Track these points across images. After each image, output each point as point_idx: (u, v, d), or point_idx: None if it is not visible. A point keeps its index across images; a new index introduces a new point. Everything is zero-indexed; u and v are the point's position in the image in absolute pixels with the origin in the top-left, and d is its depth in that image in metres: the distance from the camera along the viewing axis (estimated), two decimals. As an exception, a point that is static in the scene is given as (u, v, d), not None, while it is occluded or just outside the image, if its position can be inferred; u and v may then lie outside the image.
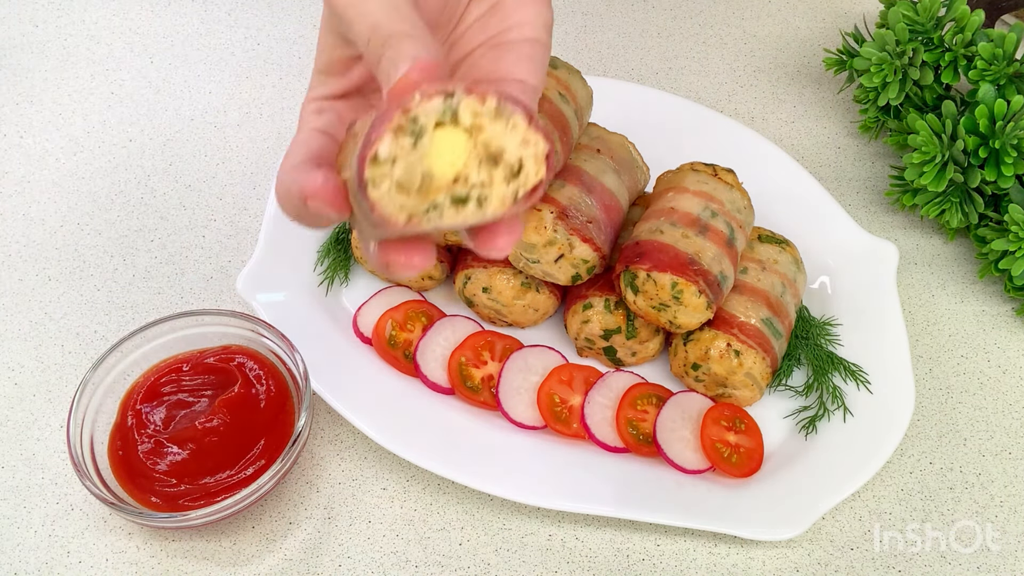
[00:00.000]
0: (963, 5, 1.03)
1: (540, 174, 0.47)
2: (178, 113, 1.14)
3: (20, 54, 1.20)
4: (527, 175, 0.47)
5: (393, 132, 0.44)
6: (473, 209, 0.47)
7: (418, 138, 0.45)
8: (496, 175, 0.47)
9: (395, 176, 0.45)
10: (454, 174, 0.46)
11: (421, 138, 0.45)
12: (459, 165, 0.46)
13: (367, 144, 0.45)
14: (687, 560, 0.82)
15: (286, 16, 1.27)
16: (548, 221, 0.85)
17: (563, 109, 0.88)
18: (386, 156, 0.44)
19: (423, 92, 0.45)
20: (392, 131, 0.44)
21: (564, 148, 0.88)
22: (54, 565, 0.80)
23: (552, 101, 0.87)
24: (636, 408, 0.87)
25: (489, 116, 0.46)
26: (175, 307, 0.96)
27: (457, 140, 0.46)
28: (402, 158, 0.45)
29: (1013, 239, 0.95)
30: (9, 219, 1.03)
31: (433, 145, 0.45)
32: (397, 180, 0.45)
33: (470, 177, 0.46)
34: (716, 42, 1.28)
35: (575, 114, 0.90)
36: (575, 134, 0.91)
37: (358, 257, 0.95)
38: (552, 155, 0.47)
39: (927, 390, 0.95)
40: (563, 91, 0.89)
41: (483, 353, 0.90)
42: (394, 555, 0.82)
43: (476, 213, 0.47)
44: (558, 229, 0.85)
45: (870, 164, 1.14)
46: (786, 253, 0.93)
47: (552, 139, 0.47)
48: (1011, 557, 0.84)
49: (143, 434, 0.80)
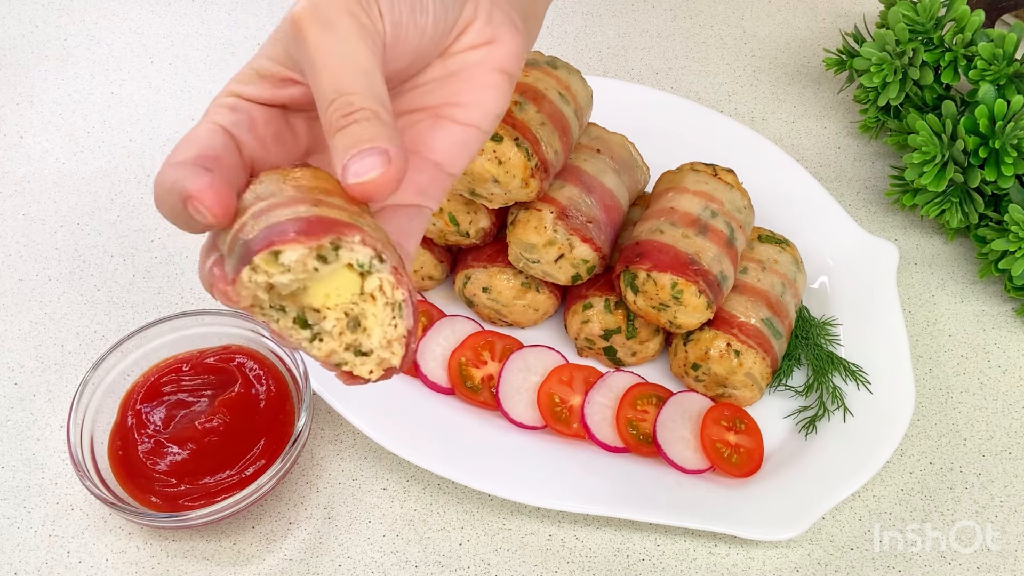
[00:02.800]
0: (963, 5, 1.03)
1: (395, 361, 0.47)
2: (178, 113, 1.14)
3: (20, 54, 1.20)
4: (383, 357, 0.47)
5: (312, 249, 0.43)
6: (318, 346, 0.47)
7: (323, 264, 0.44)
8: (358, 339, 0.46)
9: (276, 279, 0.44)
10: (320, 304, 0.45)
11: (327, 264, 0.44)
12: (330, 304, 0.45)
13: (280, 232, 0.43)
14: (687, 560, 0.82)
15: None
16: (548, 221, 0.85)
17: (563, 109, 0.88)
18: (285, 263, 0.43)
19: (364, 238, 0.44)
20: (312, 247, 0.43)
21: (564, 148, 0.88)
22: (54, 565, 0.80)
23: (552, 101, 0.87)
24: (636, 408, 0.87)
25: (386, 302, 0.45)
26: (175, 307, 0.96)
27: (351, 287, 0.45)
28: (294, 272, 0.43)
29: (1013, 239, 0.95)
30: (9, 219, 1.03)
31: (331, 275, 0.45)
32: (274, 282, 0.44)
33: (327, 321, 0.46)
34: (716, 42, 1.28)
35: (575, 114, 0.90)
36: (575, 134, 0.91)
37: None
38: (414, 344, 0.47)
39: (927, 390, 0.94)
40: (563, 91, 0.89)
41: (483, 353, 0.90)
42: (394, 555, 0.82)
43: (310, 347, 0.47)
44: (558, 229, 0.85)
45: (870, 164, 1.14)
46: (786, 253, 0.93)
47: (414, 333, 0.47)
48: (1011, 557, 0.84)
49: (143, 434, 0.80)
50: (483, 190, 0.84)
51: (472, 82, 0.54)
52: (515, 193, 0.84)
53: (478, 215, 0.89)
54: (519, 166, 0.82)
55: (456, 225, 0.89)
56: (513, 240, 0.87)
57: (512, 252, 0.88)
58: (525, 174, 0.82)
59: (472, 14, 0.53)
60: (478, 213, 0.89)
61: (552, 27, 1.28)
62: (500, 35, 0.54)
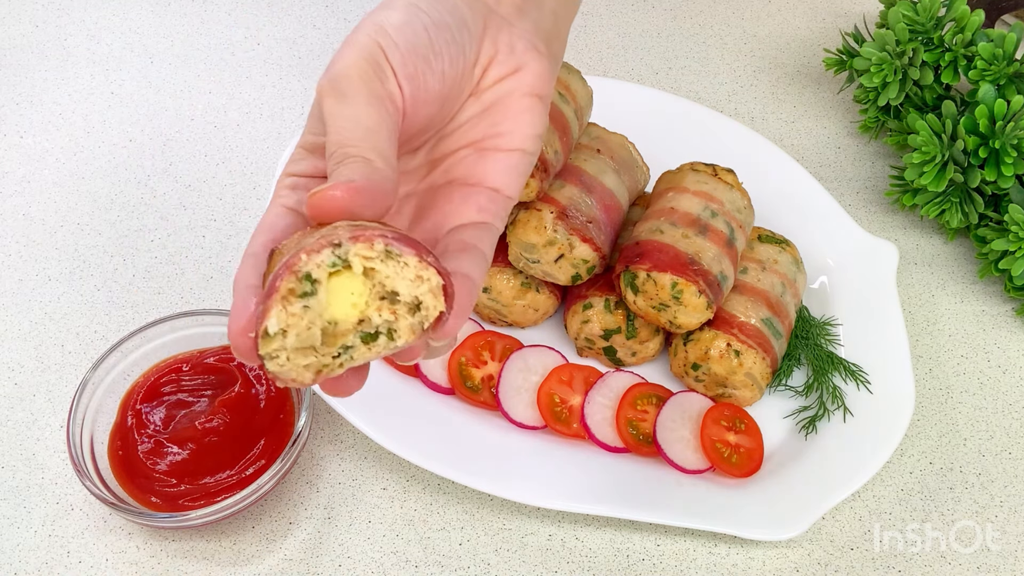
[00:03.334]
0: (963, 5, 1.03)
1: (439, 307, 0.48)
2: (178, 113, 1.14)
3: (20, 54, 1.20)
4: (427, 308, 0.48)
5: (281, 302, 0.45)
6: (384, 342, 0.48)
7: (312, 295, 0.45)
8: (398, 310, 0.48)
9: (290, 345, 0.46)
10: (358, 315, 0.47)
11: (316, 293, 0.45)
12: (361, 306, 0.47)
13: (259, 318, 0.45)
14: (687, 560, 0.82)
15: (286, 16, 1.27)
16: (548, 221, 0.85)
17: (563, 109, 0.88)
18: (276, 330, 0.45)
19: (307, 249, 0.45)
20: (280, 301, 0.45)
21: (564, 148, 0.88)
22: (54, 565, 0.80)
23: (552, 101, 0.87)
24: (636, 408, 0.87)
25: (380, 259, 0.46)
26: (175, 307, 0.96)
27: (354, 283, 0.47)
28: (294, 325, 0.45)
29: (1013, 239, 0.95)
30: (9, 219, 1.03)
31: (331, 293, 0.46)
32: (294, 347, 0.46)
33: (373, 319, 0.47)
34: (716, 42, 1.28)
35: (575, 114, 0.90)
36: (575, 134, 0.91)
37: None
38: (450, 285, 0.48)
39: (927, 390, 0.95)
40: (563, 91, 0.89)
41: (483, 353, 0.90)
42: (394, 555, 0.82)
43: (388, 345, 0.48)
44: (558, 229, 0.85)
45: (870, 164, 1.14)
46: (786, 253, 0.93)
47: (446, 274, 0.48)
48: (1011, 557, 0.84)
49: (143, 434, 0.80)
50: (483, 190, 0.84)
51: (507, 111, 0.57)
52: (515, 193, 0.84)
53: (478, 215, 0.89)
54: (519, 166, 0.82)
55: (456, 225, 0.89)
56: (513, 240, 0.87)
57: (512, 252, 0.88)
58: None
59: (492, 49, 0.56)
60: (478, 213, 0.89)
61: (552, 27, 1.28)
62: (525, 62, 0.57)
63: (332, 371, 0.48)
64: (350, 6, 1.29)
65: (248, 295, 0.48)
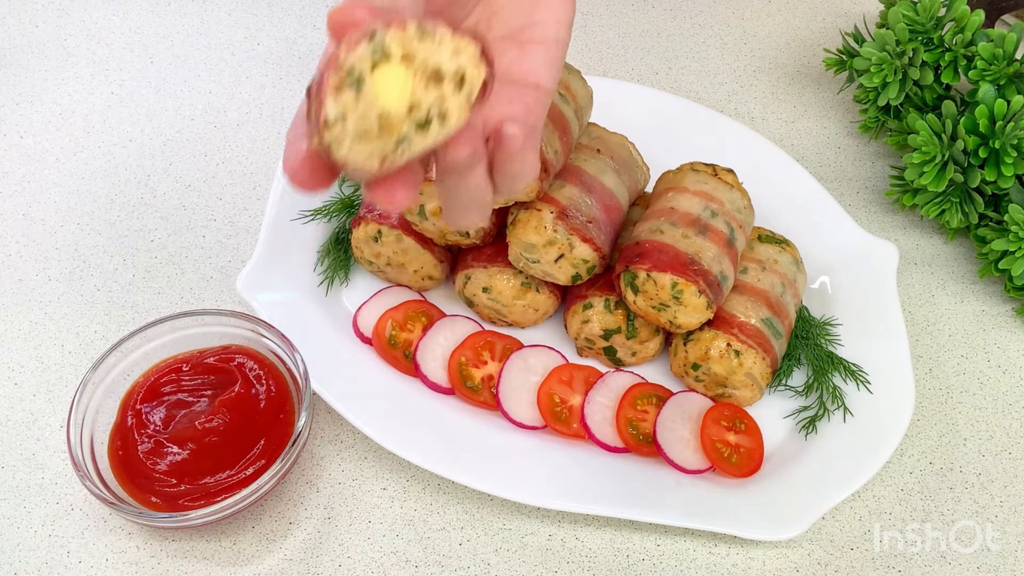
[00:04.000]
0: (963, 5, 1.03)
1: (483, 73, 0.49)
2: (178, 113, 1.14)
3: (20, 54, 1.20)
4: (472, 79, 0.49)
5: (333, 92, 0.46)
6: (437, 127, 0.48)
7: (360, 86, 0.46)
8: (445, 89, 0.48)
9: (351, 130, 0.46)
10: (407, 104, 0.48)
11: (362, 85, 0.46)
12: (408, 94, 0.47)
13: (317, 109, 0.46)
14: (687, 560, 0.82)
15: (286, 16, 1.27)
16: (548, 221, 0.85)
17: (563, 109, 0.88)
18: (335, 117, 0.46)
19: (346, 42, 0.46)
20: (332, 91, 0.46)
21: (564, 148, 0.88)
22: (54, 565, 0.80)
23: (552, 101, 0.87)
24: (636, 408, 0.87)
25: (415, 40, 0.47)
26: (175, 307, 0.96)
27: (397, 73, 0.47)
28: (352, 111, 0.46)
29: (1013, 239, 0.95)
30: (9, 219, 1.03)
31: (377, 86, 0.47)
32: (355, 133, 0.46)
33: (422, 101, 0.48)
34: (716, 42, 1.28)
35: (575, 114, 0.90)
36: (575, 134, 0.91)
37: (358, 257, 0.95)
38: (488, 49, 0.49)
39: (927, 390, 0.95)
40: (563, 91, 0.89)
41: (483, 353, 0.90)
42: (394, 555, 0.82)
43: (442, 130, 0.49)
44: (558, 229, 0.85)
45: (870, 164, 1.14)
46: (786, 253, 0.93)
47: (482, 38, 0.49)
48: (1011, 557, 0.84)
49: (143, 434, 0.80)
50: (483, 190, 0.84)
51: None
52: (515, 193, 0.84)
53: (478, 215, 0.89)
54: (519, 166, 0.82)
55: (456, 225, 0.89)
56: (513, 240, 0.87)
57: (512, 252, 0.88)
58: (525, 174, 0.82)
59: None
60: (478, 213, 0.89)
61: (552, 27, 1.28)
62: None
63: (395, 160, 0.48)
64: (350, 6, 1.29)
65: (298, 124, 0.49)
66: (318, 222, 0.98)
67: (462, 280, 0.93)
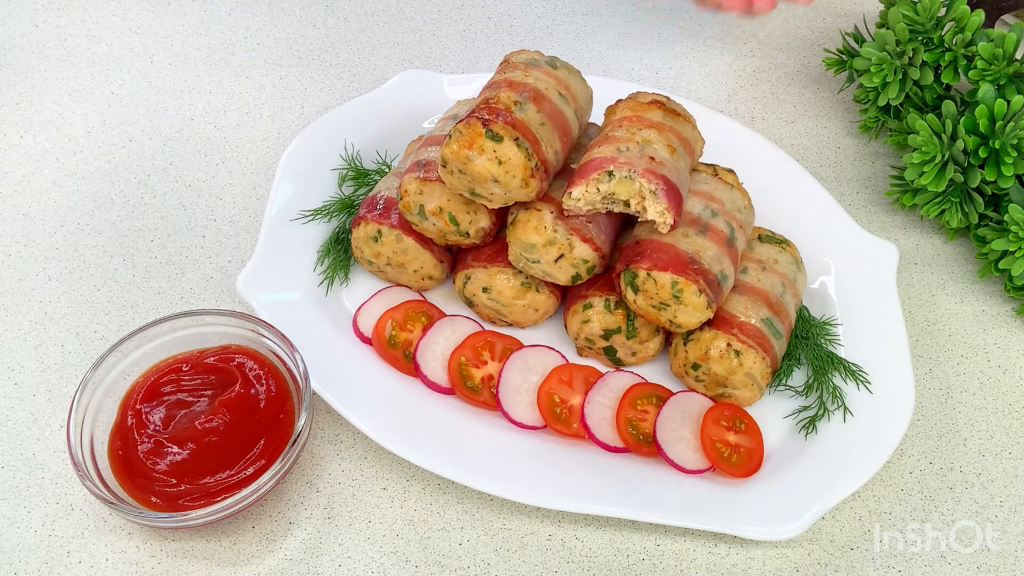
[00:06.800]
0: (963, 5, 1.03)
1: None
2: (178, 113, 1.14)
3: (20, 54, 1.20)
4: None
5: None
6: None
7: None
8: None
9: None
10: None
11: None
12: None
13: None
14: (687, 560, 0.82)
15: (286, 16, 1.27)
16: (548, 221, 0.85)
17: (563, 109, 0.88)
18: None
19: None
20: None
21: (564, 148, 0.88)
22: (54, 565, 0.80)
23: (552, 101, 0.87)
24: (636, 408, 0.87)
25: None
26: (175, 307, 0.96)
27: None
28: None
29: (1013, 239, 0.95)
30: (9, 219, 1.03)
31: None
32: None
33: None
34: (716, 42, 1.28)
35: (575, 114, 0.90)
36: (575, 134, 0.91)
37: (358, 257, 0.95)
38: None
39: (927, 390, 0.95)
40: (563, 91, 0.89)
41: (483, 353, 0.90)
42: (394, 555, 0.82)
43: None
44: (558, 229, 0.85)
45: (870, 164, 1.14)
46: (786, 253, 0.93)
47: None
48: (1011, 557, 0.84)
49: (143, 434, 0.80)
50: (483, 190, 0.84)
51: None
52: (515, 193, 0.84)
53: (478, 215, 0.89)
54: (519, 166, 0.82)
55: (456, 225, 0.89)
56: (513, 240, 0.87)
57: (512, 252, 0.88)
58: (525, 174, 0.82)
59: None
60: (478, 213, 0.89)
61: (552, 27, 1.29)
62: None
63: None
64: (350, 6, 1.29)
65: None
66: (318, 222, 0.98)
67: (462, 280, 0.93)
